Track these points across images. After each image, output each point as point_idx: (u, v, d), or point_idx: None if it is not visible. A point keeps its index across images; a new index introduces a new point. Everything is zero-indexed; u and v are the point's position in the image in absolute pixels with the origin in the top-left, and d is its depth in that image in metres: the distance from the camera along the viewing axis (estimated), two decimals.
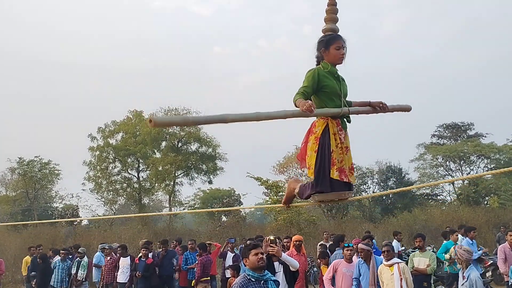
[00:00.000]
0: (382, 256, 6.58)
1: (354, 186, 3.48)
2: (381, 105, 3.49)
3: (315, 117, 3.33)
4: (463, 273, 5.69)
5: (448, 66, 55.34)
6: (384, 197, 29.25)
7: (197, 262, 10.16)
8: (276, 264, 5.87)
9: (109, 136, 28.16)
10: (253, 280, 4.12)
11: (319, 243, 12.48)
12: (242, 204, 31.93)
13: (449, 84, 53.15)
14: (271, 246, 5.61)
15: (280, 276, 5.81)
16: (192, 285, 10.14)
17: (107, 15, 60.21)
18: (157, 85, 54.97)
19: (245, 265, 4.26)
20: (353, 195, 3.51)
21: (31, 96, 51.76)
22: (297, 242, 8.43)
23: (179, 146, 28.53)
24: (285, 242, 8.42)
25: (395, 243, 11.32)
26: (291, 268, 5.83)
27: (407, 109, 3.76)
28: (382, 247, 6.51)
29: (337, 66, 3.41)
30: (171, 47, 61.66)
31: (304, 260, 8.54)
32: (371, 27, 61.03)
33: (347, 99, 3.48)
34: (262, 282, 4.16)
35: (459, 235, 9.81)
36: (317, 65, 3.43)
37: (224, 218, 29.23)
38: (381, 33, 61.92)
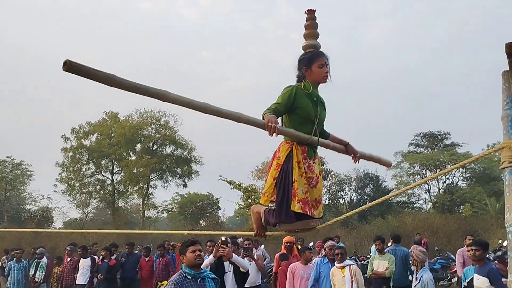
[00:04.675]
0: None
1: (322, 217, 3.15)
2: (356, 155, 3.25)
3: (282, 138, 3.05)
4: (416, 274, 5.59)
5: (427, 75, 56.04)
6: (361, 204, 29.26)
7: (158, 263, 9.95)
8: (226, 264, 5.72)
9: (83, 137, 27.62)
10: (189, 277, 3.94)
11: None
12: (220, 209, 31.55)
13: (427, 93, 53.77)
14: (222, 247, 5.47)
15: (230, 277, 5.69)
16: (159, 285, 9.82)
17: (91, 13, 59.39)
18: None
19: (182, 262, 4.08)
20: (321, 223, 3.16)
21: (2, 94, 50.30)
22: (288, 244, 7.93)
23: (154, 148, 28.13)
24: (245, 244, 8.19)
25: None
26: (241, 269, 5.69)
27: (387, 164, 3.64)
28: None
29: (321, 86, 3.11)
30: (156, 48, 60.94)
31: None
32: (355, 35, 61.63)
33: (324, 128, 3.21)
34: (199, 280, 3.98)
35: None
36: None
37: (203, 223, 28.85)
38: (365, 41, 62.39)
